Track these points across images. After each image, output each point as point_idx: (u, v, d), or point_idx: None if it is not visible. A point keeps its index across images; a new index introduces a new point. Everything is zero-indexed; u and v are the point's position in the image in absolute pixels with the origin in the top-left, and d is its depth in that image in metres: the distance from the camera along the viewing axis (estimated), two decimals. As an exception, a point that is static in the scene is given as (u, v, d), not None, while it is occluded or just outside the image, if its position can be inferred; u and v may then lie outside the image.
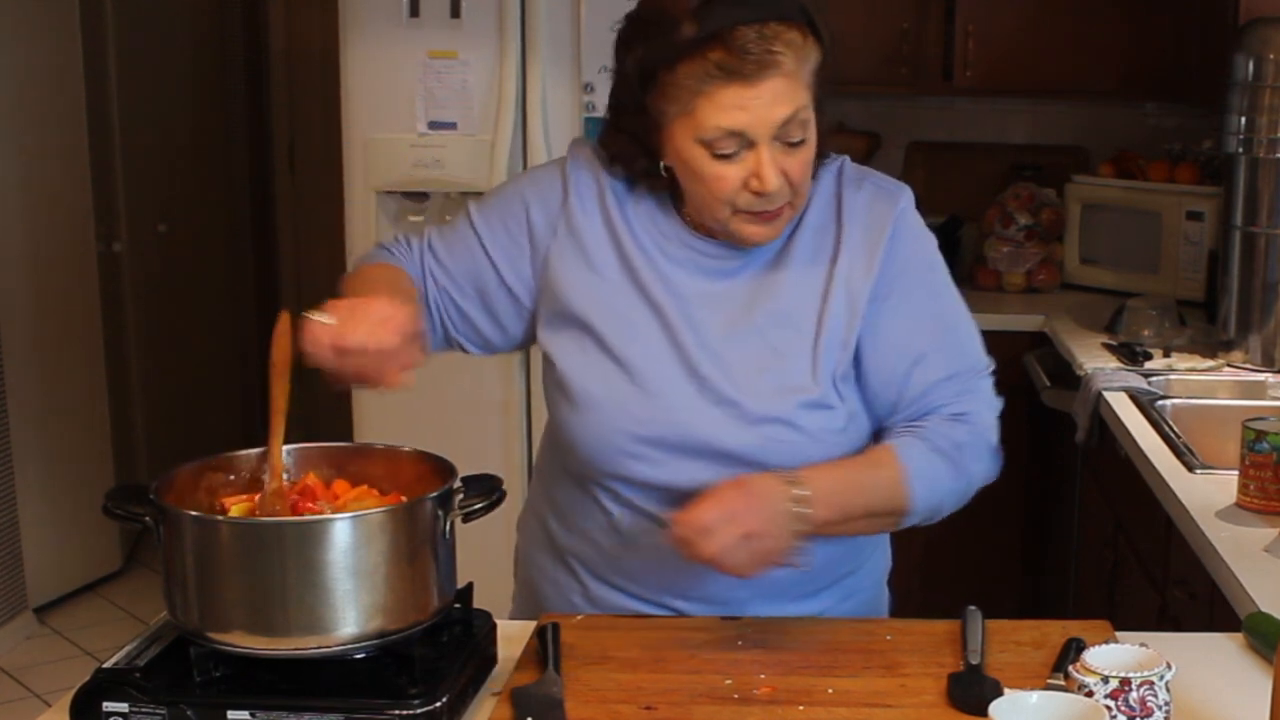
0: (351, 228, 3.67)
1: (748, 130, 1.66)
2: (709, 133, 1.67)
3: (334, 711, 1.47)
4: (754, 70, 1.63)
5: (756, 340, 1.77)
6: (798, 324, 1.78)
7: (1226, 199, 3.26)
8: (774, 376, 1.77)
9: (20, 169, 4.40)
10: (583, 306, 1.80)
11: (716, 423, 1.76)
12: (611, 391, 1.77)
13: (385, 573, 1.50)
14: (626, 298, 1.79)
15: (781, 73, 1.65)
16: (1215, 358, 3.29)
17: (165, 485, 1.56)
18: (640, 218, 1.82)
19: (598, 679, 1.64)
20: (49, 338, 4.53)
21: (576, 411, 1.79)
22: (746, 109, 1.65)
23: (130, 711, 1.50)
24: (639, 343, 1.78)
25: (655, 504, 1.78)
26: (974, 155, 4.43)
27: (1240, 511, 2.26)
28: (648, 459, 1.77)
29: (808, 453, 1.76)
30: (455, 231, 1.87)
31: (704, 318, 1.78)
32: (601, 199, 1.82)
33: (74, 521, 4.59)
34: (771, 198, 1.70)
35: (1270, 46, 3.07)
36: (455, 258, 1.86)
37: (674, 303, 1.78)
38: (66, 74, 4.55)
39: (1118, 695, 1.44)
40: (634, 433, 1.77)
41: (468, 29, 3.52)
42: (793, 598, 1.84)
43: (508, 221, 1.85)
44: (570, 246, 1.82)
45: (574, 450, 1.81)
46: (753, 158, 1.68)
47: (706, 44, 1.64)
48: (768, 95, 1.65)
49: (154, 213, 5.13)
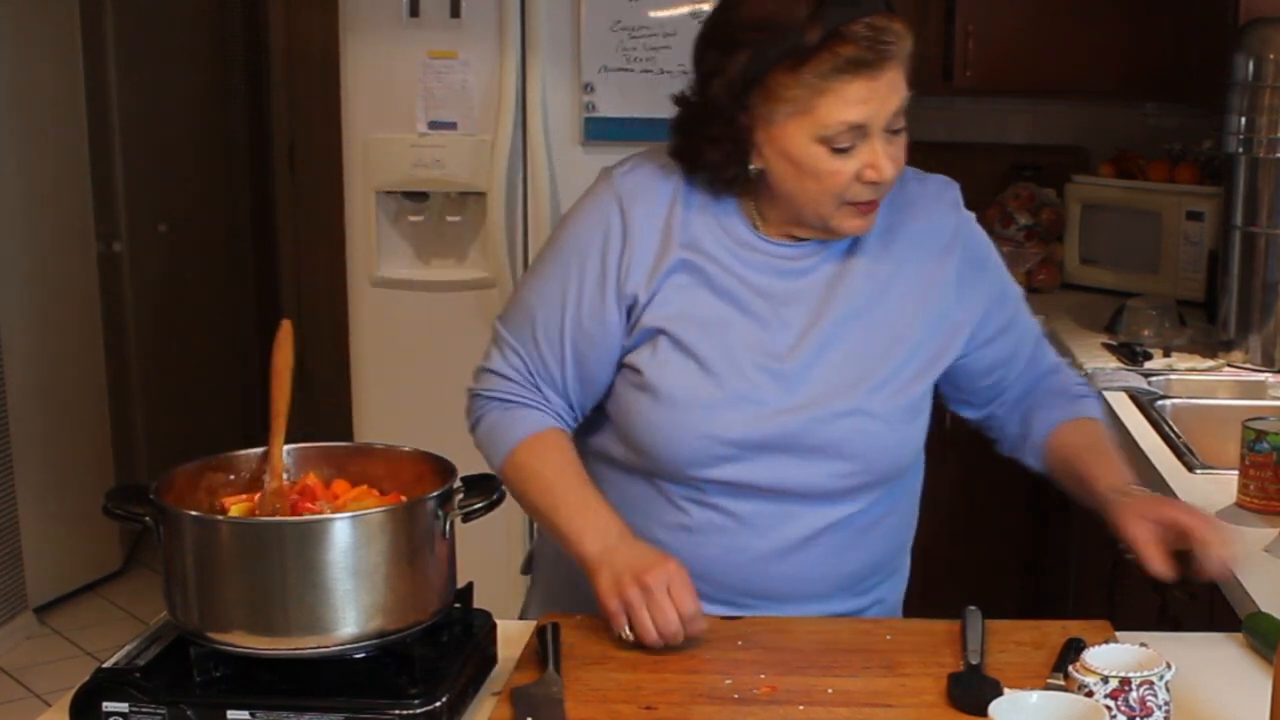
0: (351, 228, 3.67)
1: (868, 121, 1.72)
2: (832, 128, 1.71)
3: (334, 711, 1.47)
4: (876, 61, 1.69)
5: (834, 334, 1.81)
6: (873, 316, 1.82)
7: (1226, 199, 3.26)
8: (853, 368, 1.81)
9: (20, 169, 4.40)
10: (662, 318, 1.81)
11: (800, 419, 1.79)
12: (696, 395, 1.79)
13: (385, 573, 1.50)
14: (704, 304, 1.81)
15: (894, 63, 1.72)
16: (1215, 358, 3.29)
17: (165, 485, 1.56)
18: (708, 227, 1.83)
19: (598, 679, 1.64)
20: (49, 338, 4.53)
21: (664, 412, 1.80)
22: (868, 102, 1.71)
23: (130, 711, 1.50)
24: (720, 346, 1.80)
25: (737, 501, 1.81)
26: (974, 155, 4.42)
27: (1240, 511, 2.26)
28: (734, 459, 1.79)
29: (886, 440, 1.82)
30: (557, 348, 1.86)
31: (781, 316, 1.81)
32: (668, 215, 1.82)
33: (74, 521, 4.59)
34: (883, 187, 1.76)
35: (1270, 46, 3.07)
36: (582, 367, 1.86)
37: (751, 304, 1.81)
38: (66, 74, 4.55)
39: (1118, 695, 1.44)
40: (719, 435, 1.79)
41: (468, 29, 3.52)
42: (852, 594, 1.89)
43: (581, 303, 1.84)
44: (640, 270, 1.82)
45: (656, 451, 1.82)
46: (866, 150, 1.73)
47: (834, 41, 1.68)
48: (886, 86, 1.72)
49: (154, 213, 5.13)
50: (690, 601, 1.70)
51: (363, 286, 3.67)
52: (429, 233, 3.68)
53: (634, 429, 1.84)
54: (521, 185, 3.56)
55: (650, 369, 1.81)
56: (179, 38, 5.35)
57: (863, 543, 1.86)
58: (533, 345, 1.87)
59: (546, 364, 1.86)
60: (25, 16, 4.37)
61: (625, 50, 3.48)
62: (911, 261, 1.85)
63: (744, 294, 1.81)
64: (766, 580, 1.84)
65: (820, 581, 1.85)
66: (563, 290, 1.85)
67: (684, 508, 1.84)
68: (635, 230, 1.82)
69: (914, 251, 1.85)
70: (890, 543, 1.93)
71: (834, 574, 1.85)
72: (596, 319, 1.83)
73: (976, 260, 1.90)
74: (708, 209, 1.83)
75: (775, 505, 1.82)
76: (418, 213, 3.64)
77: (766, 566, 1.83)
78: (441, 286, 3.65)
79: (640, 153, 1.91)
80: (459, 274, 3.66)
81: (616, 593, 1.70)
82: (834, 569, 1.85)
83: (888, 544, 1.92)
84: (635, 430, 1.83)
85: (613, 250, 1.83)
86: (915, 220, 1.87)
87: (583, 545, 1.77)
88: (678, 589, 1.70)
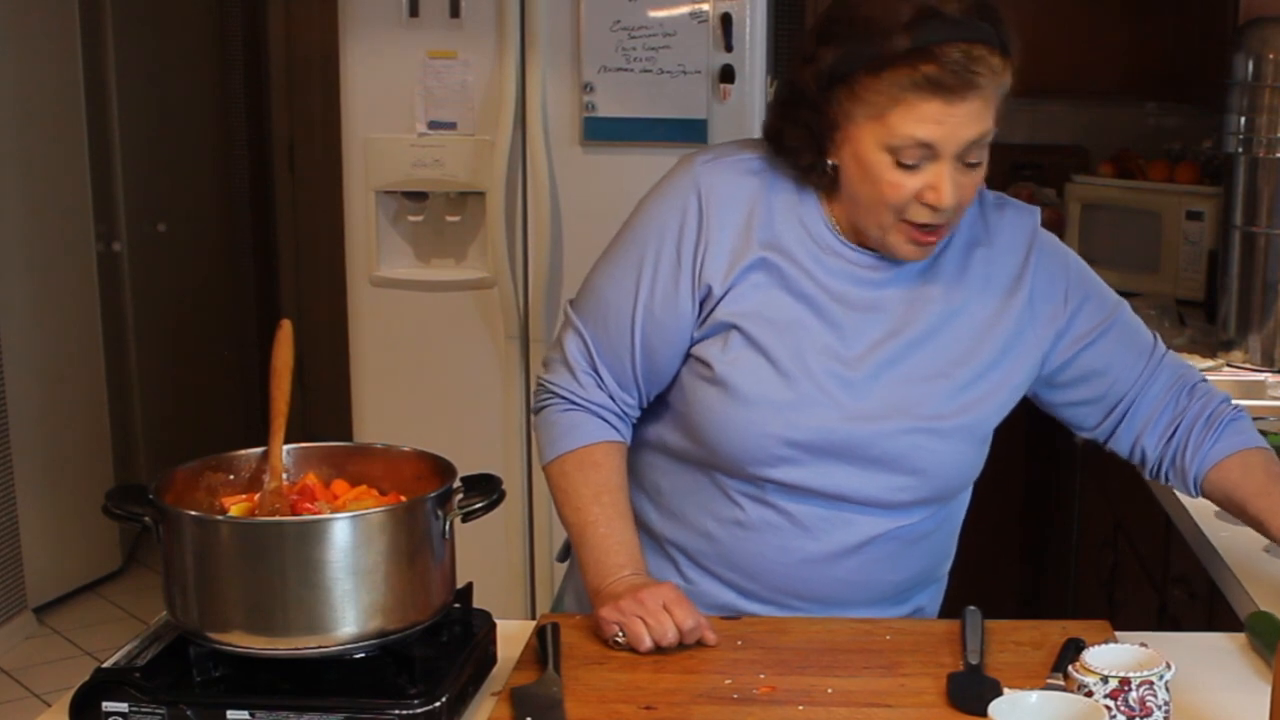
0: (351, 228, 3.67)
1: (937, 144, 1.70)
2: (900, 140, 1.70)
3: (334, 711, 1.47)
4: (958, 87, 1.67)
5: (907, 351, 1.81)
6: (943, 339, 1.82)
7: (1226, 199, 3.26)
8: (920, 386, 1.80)
9: (20, 169, 4.40)
10: (737, 314, 1.80)
11: (865, 429, 1.79)
12: (765, 393, 1.79)
13: (385, 573, 1.50)
14: (780, 304, 1.80)
15: (980, 95, 1.69)
16: (1215, 358, 3.29)
17: (165, 485, 1.56)
18: (790, 226, 1.82)
19: (598, 679, 1.64)
20: (49, 338, 4.53)
21: (732, 407, 1.79)
22: (942, 124, 1.69)
23: (130, 711, 1.50)
24: (793, 347, 1.79)
25: (794, 502, 1.81)
26: (974, 155, 4.42)
27: (1240, 511, 2.25)
28: (796, 461, 1.79)
29: (945, 460, 1.82)
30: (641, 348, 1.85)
31: (856, 324, 1.81)
32: (749, 212, 1.82)
33: (74, 521, 4.59)
34: (942, 214, 1.73)
35: (1270, 46, 3.07)
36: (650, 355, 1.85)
37: (828, 308, 1.80)
38: (66, 74, 4.55)
39: (1117, 695, 1.44)
40: (785, 436, 1.78)
41: (468, 29, 3.52)
42: (894, 601, 1.90)
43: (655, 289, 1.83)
44: (717, 262, 1.81)
45: (720, 446, 1.81)
46: (933, 171, 1.71)
47: (918, 56, 1.67)
48: (963, 114, 1.69)
49: (154, 213, 5.13)
50: (689, 618, 1.71)
51: (362, 286, 3.67)
52: (429, 232, 3.68)
53: (699, 422, 1.83)
54: (521, 185, 3.56)
55: (720, 363, 1.80)
56: (179, 38, 5.35)
57: (911, 554, 1.87)
58: (602, 330, 1.86)
59: (615, 350, 1.85)
60: (25, 16, 4.36)
61: (625, 50, 3.48)
62: (984, 291, 1.84)
63: (821, 298, 1.80)
64: (815, 583, 1.84)
65: (866, 588, 1.85)
66: (636, 276, 1.83)
67: (740, 503, 1.83)
68: (714, 223, 1.81)
69: (988, 281, 1.84)
70: (936, 555, 1.93)
71: (880, 582, 1.86)
72: (669, 307, 1.82)
73: (1052, 275, 1.88)
74: (792, 210, 1.82)
75: (831, 510, 1.82)
76: (417, 212, 3.64)
77: (816, 569, 1.83)
78: (441, 286, 3.65)
79: (725, 143, 1.91)
80: (459, 274, 3.66)
81: (614, 609, 1.73)
82: (881, 577, 1.85)
83: (934, 556, 1.92)
84: (700, 423, 1.82)
85: (688, 239, 1.81)
86: (991, 249, 1.86)
87: (592, 579, 1.80)
88: (675, 607, 1.71)
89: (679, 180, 1.85)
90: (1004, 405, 1.86)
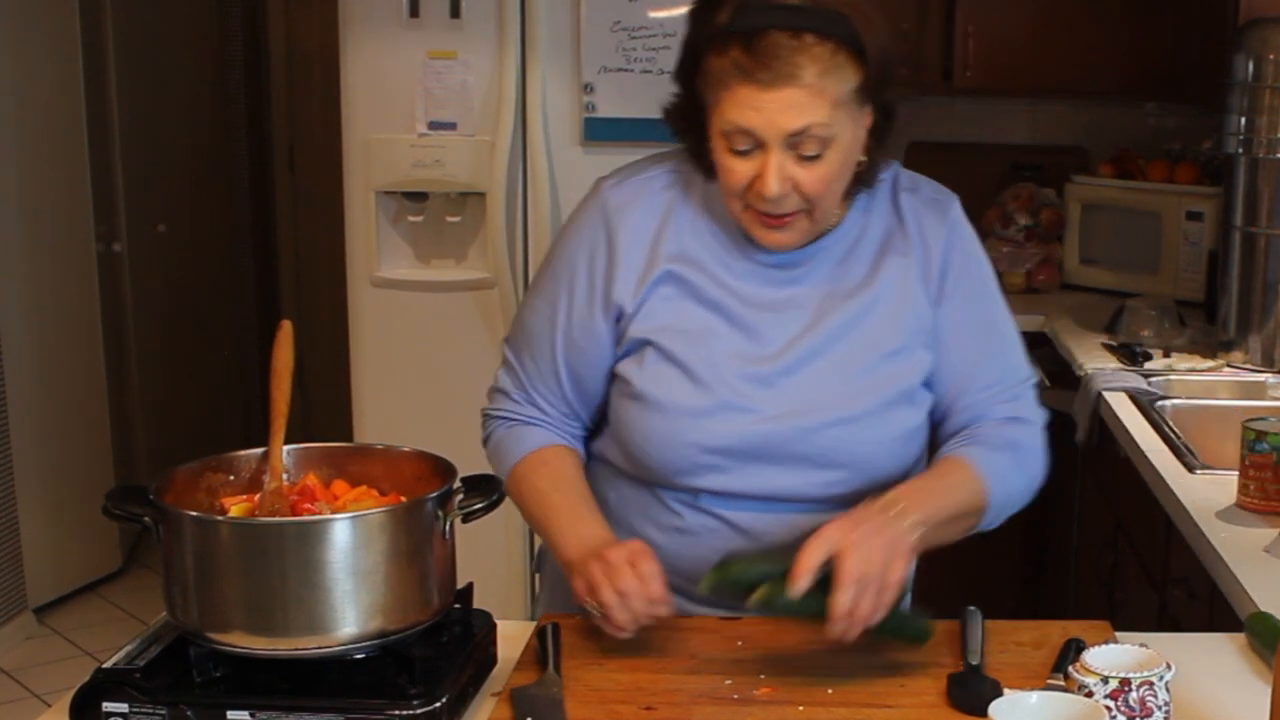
0: (351, 228, 3.67)
1: (756, 131, 1.68)
2: (726, 124, 1.69)
3: (334, 711, 1.47)
4: (767, 77, 1.65)
5: (825, 344, 1.80)
6: (872, 328, 1.81)
7: (1226, 199, 3.26)
8: (849, 380, 1.79)
9: (20, 169, 4.40)
10: (649, 329, 1.81)
11: (786, 428, 1.78)
12: (682, 403, 1.79)
13: (385, 573, 1.50)
14: (690, 315, 1.81)
15: (799, 84, 1.65)
16: (1215, 358, 3.29)
17: (165, 485, 1.56)
18: (700, 236, 1.82)
19: (598, 679, 1.64)
20: (49, 338, 4.53)
21: (652, 421, 1.80)
22: (759, 111, 1.66)
23: (130, 711, 1.50)
24: (706, 356, 1.79)
25: (728, 507, 1.82)
26: (974, 155, 4.42)
27: (1240, 511, 2.26)
28: (722, 468, 1.79)
29: (873, 450, 1.80)
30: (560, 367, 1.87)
31: (770, 324, 1.80)
32: (656, 228, 1.82)
33: (74, 521, 4.59)
34: (774, 203, 1.71)
35: (1270, 46, 3.07)
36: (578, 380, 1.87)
37: (739, 312, 1.80)
38: (66, 74, 4.55)
39: (1117, 695, 1.44)
40: (705, 444, 1.78)
41: (468, 29, 3.52)
42: None
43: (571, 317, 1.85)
44: (625, 282, 1.82)
45: (647, 459, 1.83)
46: (762, 159, 1.69)
47: (730, 39, 1.66)
48: (780, 103, 1.66)
49: (154, 213, 5.13)
50: (652, 579, 1.67)
51: (363, 286, 3.68)
52: (429, 233, 3.68)
53: (625, 437, 1.85)
54: (521, 185, 3.56)
55: (639, 379, 1.82)
56: (179, 38, 5.35)
57: None
58: (530, 360, 1.89)
59: (544, 377, 1.88)
60: (25, 16, 4.36)
61: (625, 50, 3.48)
62: (899, 273, 1.82)
63: (731, 303, 1.80)
64: None
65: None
66: (553, 306, 1.86)
67: (678, 511, 1.84)
68: (620, 244, 1.82)
69: (901, 263, 1.83)
70: None
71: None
72: (586, 332, 1.85)
73: (952, 279, 1.84)
74: (703, 218, 1.83)
75: (766, 512, 1.81)
76: (418, 213, 3.64)
77: None
78: (441, 287, 3.65)
79: (633, 162, 1.91)
80: (459, 274, 3.66)
81: (582, 573, 1.70)
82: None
83: None
84: (626, 438, 1.85)
85: (599, 264, 1.84)
86: (906, 237, 1.84)
87: (565, 551, 1.78)
88: (640, 563, 1.67)
89: (588, 207, 1.88)
90: (919, 394, 1.83)
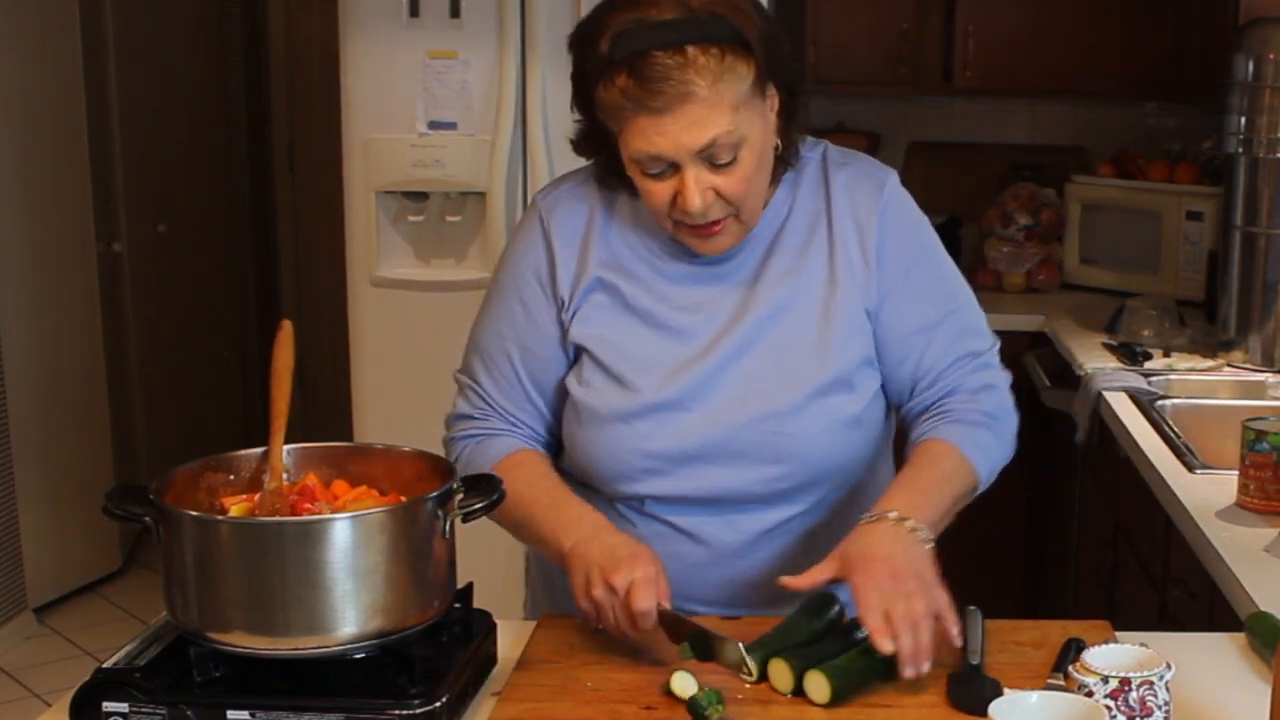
0: (351, 228, 3.67)
1: (666, 155, 1.66)
2: (634, 154, 1.68)
3: (334, 711, 1.47)
4: (660, 103, 1.62)
5: (751, 337, 1.78)
6: (801, 314, 1.79)
7: (1226, 199, 3.26)
8: (779, 371, 1.78)
9: (20, 169, 4.40)
10: (584, 335, 1.82)
11: (721, 427, 1.77)
12: (616, 410, 1.79)
13: (385, 573, 1.50)
14: (620, 324, 1.81)
15: (695, 100, 1.62)
16: (1215, 358, 3.29)
17: (165, 485, 1.56)
18: (628, 241, 1.82)
19: (598, 679, 1.64)
20: (49, 338, 4.53)
21: (589, 430, 1.81)
22: (663, 135, 1.64)
23: (130, 711, 1.50)
24: (638, 362, 1.79)
25: (673, 512, 1.81)
26: (974, 155, 4.43)
27: (1240, 511, 2.26)
28: (660, 472, 1.79)
29: (813, 442, 1.78)
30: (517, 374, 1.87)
31: (698, 324, 1.79)
32: (585, 233, 1.83)
33: (74, 521, 4.59)
34: (700, 215, 1.69)
35: (1270, 46, 3.07)
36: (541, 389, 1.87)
37: (668, 317, 1.80)
38: (66, 74, 4.55)
39: (1117, 695, 1.44)
40: (641, 449, 1.79)
41: (468, 29, 3.52)
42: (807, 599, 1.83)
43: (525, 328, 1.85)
44: (565, 284, 1.83)
45: (588, 467, 1.83)
46: (679, 177, 1.68)
47: (615, 69, 1.63)
48: (681, 124, 1.63)
49: (154, 213, 5.13)
50: (642, 601, 1.64)
51: (362, 286, 3.67)
52: (429, 233, 3.67)
53: (569, 446, 1.86)
54: (521, 185, 3.56)
55: (577, 389, 1.82)
56: (179, 38, 5.35)
57: (812, 546, 1.80)
58: (489, 379, 1.88)
59: (507, 392, 1.88)
60: (25, 16, 4.36)
61: (625, 50, 3.48)
62: (826, 256, 1.79)
63: (660, 309, 1.80)
64: (713, 587, 1.83)
65: (768, 588, 1.78)
66: (508, 320, 1.86)
67: (628, 517, 1.84)
68: (557, 246, 1.83)
69: (829, 244, 1.79)
70: None
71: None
72: (540, 337, 1.85)
73: (891, 252, 1.80)
74: (631, 223, 1.82)
75: (711, 514, 1.81)
76: (417, 213, 3.64)
77: (711, 573, 1.82)
78: (441, 286, 3.64)
79: (569, 173, 1.90)
80: (459, 274, 3.66)
81: (587, 593, 1.68)
82: (784, 572, 1.73)
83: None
84: (571, 448, 1.85)
85: (542, 268, 1.84)
86: (844, 210, 1.80)
87: (558, 543, 1.75)
88: (635, 588, 1.64)
89: (526, 219, 1.89)
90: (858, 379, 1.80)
